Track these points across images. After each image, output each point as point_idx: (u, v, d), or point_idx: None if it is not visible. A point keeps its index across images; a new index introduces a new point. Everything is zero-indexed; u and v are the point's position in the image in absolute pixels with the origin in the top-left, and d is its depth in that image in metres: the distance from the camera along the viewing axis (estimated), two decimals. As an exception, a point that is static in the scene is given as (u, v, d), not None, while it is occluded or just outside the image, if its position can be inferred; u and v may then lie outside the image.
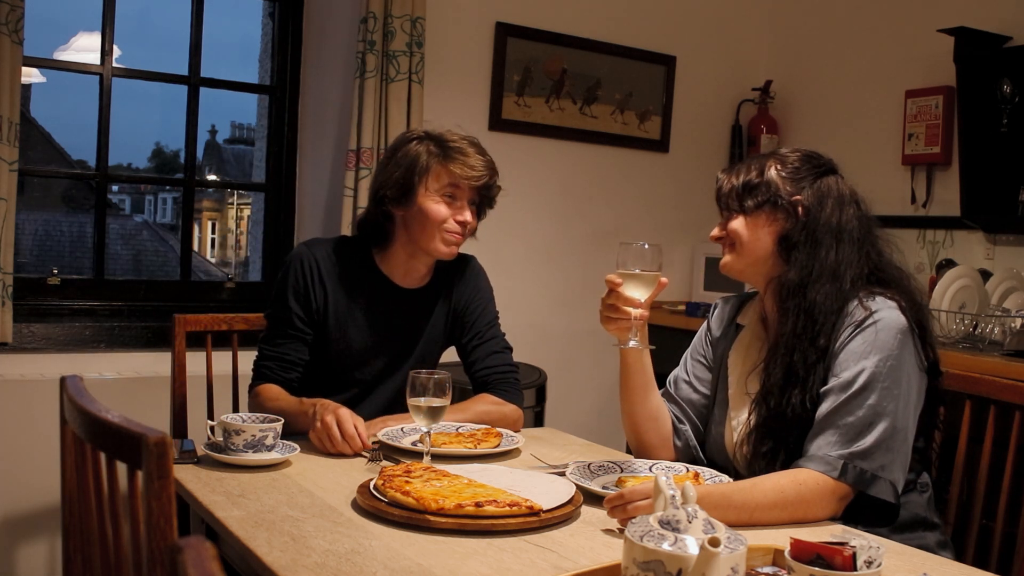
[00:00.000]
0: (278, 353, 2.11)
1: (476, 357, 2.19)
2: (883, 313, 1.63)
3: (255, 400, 2.09)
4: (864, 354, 1.60)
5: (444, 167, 2.06)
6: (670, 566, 1.03)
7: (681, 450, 1.87)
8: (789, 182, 1.73)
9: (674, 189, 4.05)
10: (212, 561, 0.73)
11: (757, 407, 1.71)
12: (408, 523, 1.40)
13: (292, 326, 2.10)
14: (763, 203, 1.72)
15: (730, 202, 1.76)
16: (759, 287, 1.82)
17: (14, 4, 2.69)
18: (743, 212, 1.74)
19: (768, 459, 1.67)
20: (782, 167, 1.74)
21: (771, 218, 1.73)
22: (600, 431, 3.75)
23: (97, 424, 1.11)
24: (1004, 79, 3.16)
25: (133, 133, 3.61)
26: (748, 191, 1.74)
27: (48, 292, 3.08)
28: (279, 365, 2.10)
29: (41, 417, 2.70)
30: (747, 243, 1.74)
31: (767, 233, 1.73)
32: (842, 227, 1.70)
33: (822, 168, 1.76)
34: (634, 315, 1.67)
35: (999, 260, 3.31)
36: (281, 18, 3.50)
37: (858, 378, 1.59)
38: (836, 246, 1.69)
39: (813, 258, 1.68)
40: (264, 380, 2.10)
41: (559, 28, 3.72)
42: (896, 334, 1.61)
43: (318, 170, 3.47)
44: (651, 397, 1.85)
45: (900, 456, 1.58)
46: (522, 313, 3.51)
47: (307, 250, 2.15)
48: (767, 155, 1.79)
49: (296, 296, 2.10)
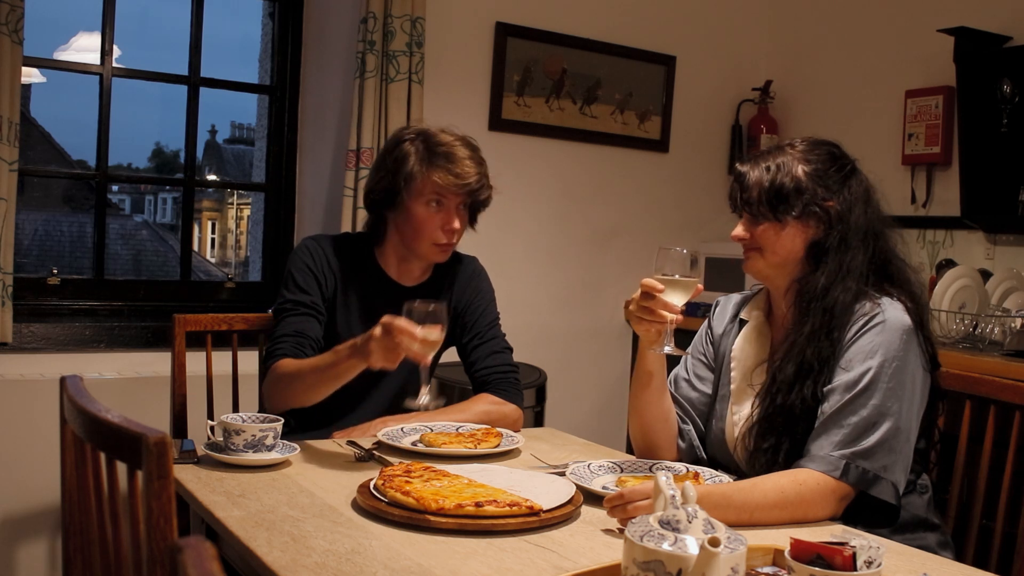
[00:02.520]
0: (294, 331, 2.04)
1: (476, 357, 2.19)
2: (889, 313, 1.63)
3: (275, 376, 1.98)
4: (870, 353, 1.60)
5: (427, 175, 2.04)
6: (670, 566, 1.03)
7: (685, 451, 1.86)
8: (821, 186, 1.69)
9: (674, 189, 4.05)
10: (212, 561, 0.73)
11: (761, 401, 1.71)
12: (408, 523, 1.40)
13: (306, 305, 2.08)
14: (799, 215, 1.69)
15: (760, 207, 1.70)
16: (779, 287, 1.79)
17: (14, 4, 2.69)
18: (776, 220, 1.70)
19: (769, 454, 1.67)
20: (808, 166, 1.70)
21: (804, 225, 1.70)
22: (600, 431, 3.76)
23: (97, 424, 1.11)
24: (1004, 79, 3.16)
25: (133, 133, 3.61)
26: (781, 199, 1.69)
27: (48, 292, 3.08)
28: (295, 341, 2.03)
29: (41, 417, 2.70)
30: (778, 250, 1.72)
31: (799, 240, 1.71)
32: (868, 229, 1.70)
33: (847, 166, 1.74)
34: (670, 319, 1.64)
35: (999, 260, 3.31)
36: (281, 18, 3.50)
37: (863, 378, 1.59)
38: (863, 248, 1.69)
39: (841, 262, 1.68)
40: (280, 358, 2.01)
41: (559, 28, 3.72)
42: (901, 335, 1.61)
43: (318, 170, 3.47)
44: (665, 398, 1.85)
45: (902, 457, 1.58)
46: (522, 313, 3.51)
47: (313, 242, 2.17)
48: (785, 149, 1.74)
49: (308, 278, 2.09)
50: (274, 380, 1.99)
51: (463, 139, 2.10)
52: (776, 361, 1.71)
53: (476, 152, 2.09)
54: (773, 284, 1.81)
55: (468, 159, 2.05)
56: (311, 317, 2.07)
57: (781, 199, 1.69)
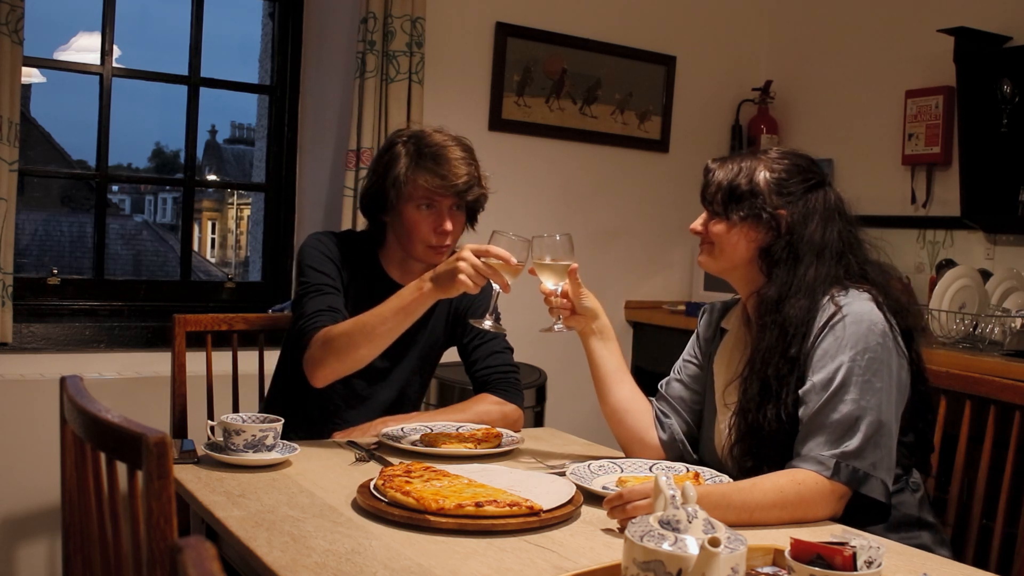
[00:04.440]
0: (327, 306, 2.00)
1: (477, 357, 2.19)
2: (853, 306, 1.61)
3: (325, 339, 1.91)
4: (838, 350, 1.59)
5: (414, 178, 2.03)
6: (670, 566, 1.03)
7: (667, 443, 1.87)
8: (776, 194, 1.70)
9: (674, 189, 4.05)
10: (212, 561, 0.73)
11: (737, 421, 1.71)
12: (408, 523, 1.40)
13: (329, 285, 2.06)
14: (747, 216, 1.70)
15: (715, 204, 1.74)
16: (741, 293, 1.81)
17: (14, 4, 2.69)
18: (726, 218, 1.72)
19: (753, 474, 1.65)
20: (771, 174, 1.71)
21: (753, 229, 1.71)
22: (600, 431, 3.72)
23: (97, 424, 1.11)
24: (1004, 79, 3.16)
25: (133, 133, 3.61)
26: (734, 198, 1.71)
27: (48, 292, 3.08)
28: (330, 316, 1.99)
29: (41, 417, 2.70)
30: (725, 248, 1.73)
31: (747, 243, 1.71)
32: (825, 243, 1.68)
33: (812, 180, 1.72)
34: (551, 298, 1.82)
35: (999, 260, 3.31)
36: (281, 18, 3.50)
37: (836, 375, 1.58)
38: (816, 263, 1.67)
39: (792, 274, 1.67)
40: (320, 328, 1.95)
41: (559, 28, 3.72)
42: (869, 326, 1.59)
43: (318, 170, 3.47)
44: (616, 389, 1.88)
45: (887, 452, 1.58)
46: (522, 313, 3.51)
47: (324, 236, 2.17)
48: (758, 155, 1.75)
49: (326, 263, 2.09)
50: (323, 343, 1.92)
51: (456, 139, 2.08)
52: (744, 378, 1.71)
53: (469, 153, 2.08)
54: (737, 288, 1.81)
55: (458, 160, 2.03)
56: (337, 294, 2.05)
57: (734, 198, 1.71)
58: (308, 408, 2.15)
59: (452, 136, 2.09)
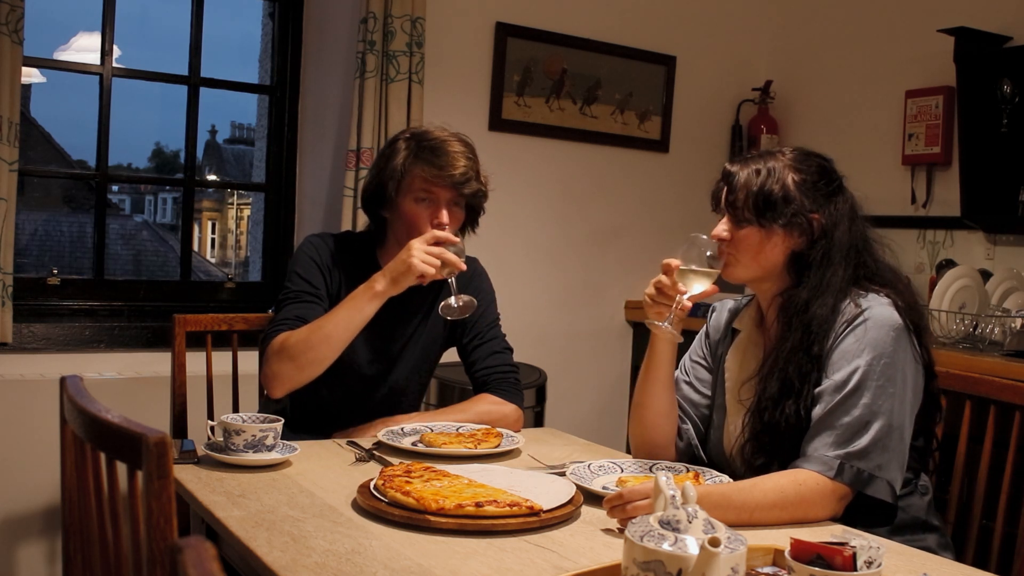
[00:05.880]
0: (294, 315, 2.02)
1: (476, 357, 2.19)
2: (875, 310, 1.62)
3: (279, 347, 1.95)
4: (857, 353, 1.59)
5: (412, 170, 2.05)
6: (670, 566, 1.03)
7: (683, 450, 1.86)
8: (809, 198, 1.69)
9: (674, 189, 4.05)
10: (212, 561, 0.73)
11: (751, 420, 1.71)
12: (408, 523, 1.40)
13: (308, 293, 2.08)
14: (786, 223, 1.68)
15: (745, 211, 1.69)
16: (763, 296, 1.79)
17: (14, 4, 2.69)
18: (759, 225, 1.69)
19: (763, 472, 1.66)
20: (798, 175, 1.70)
21: (787, 234, 1.69)
22: (600, 431, 3.76)
23: (97, 424, 1.11)
24: (1004, 79, 3.16)
25: (133, 133, 3.61)
26: (769, 205, 1.68)
27: (48, 292, 3.08)
28: (296, 323, 2.01)
29: (41, 417, 2.70)
30: (758, 256, 1.71)
31: (781, 248, 1.70)
32: (851, 245, 1.69)
33: (836, 183, 1.73)
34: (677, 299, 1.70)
35: (999, 260, 3.31)
36: (281, 18, 3.50)
37: (852, 378, 1.58)
38: (844, 264, 1.68)
39: (823, 277, 1.67)
40: (277, 335, 1.98)
41: (559, 28, 3.72)
42: (889, 331, 1.60)
43: (318, 170, 3.47)
44: (669, 393, 1.84)
45: (897, 455, 1.58)
46: (522, 313, 3.51)
47: (318, 239, 2.17)
48: (775, 155, 1.73)
49: (312, 270, 2.10)
50: (278, 351, 1.95)
51: (457, 135, 2.10)
52: (762, 376, 1.71)
53: (468, 148, 2.09)
54: (759, 291, 1.80)
55: (456, 152, 2.05)
56: (314, 304, 2.06)
57: (769, 205, 1.68)
58: (308, 408, 2.15)
59: (453, 132, 2.11)
